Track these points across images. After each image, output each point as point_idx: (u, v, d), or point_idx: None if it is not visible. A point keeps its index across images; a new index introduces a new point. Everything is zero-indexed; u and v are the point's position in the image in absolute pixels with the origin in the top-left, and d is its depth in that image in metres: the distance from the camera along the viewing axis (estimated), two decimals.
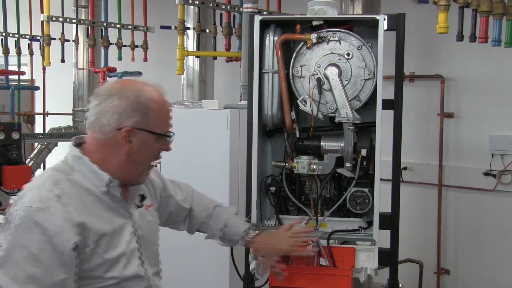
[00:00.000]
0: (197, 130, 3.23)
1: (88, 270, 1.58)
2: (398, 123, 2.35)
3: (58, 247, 1.50)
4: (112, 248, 1.63)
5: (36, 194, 1.55)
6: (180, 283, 3.33)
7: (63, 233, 1.51)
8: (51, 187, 1.58)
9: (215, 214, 2.19)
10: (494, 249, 4.08)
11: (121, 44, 5.34)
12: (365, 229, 2.36)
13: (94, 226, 1.58)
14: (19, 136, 4.53)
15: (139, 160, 1.69)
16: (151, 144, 1.69)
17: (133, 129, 1.64)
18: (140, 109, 1.64)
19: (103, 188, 1.65)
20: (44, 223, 1.50)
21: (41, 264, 1.48)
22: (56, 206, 1.53)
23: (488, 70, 4.05)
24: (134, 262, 1.70)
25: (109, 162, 1.67)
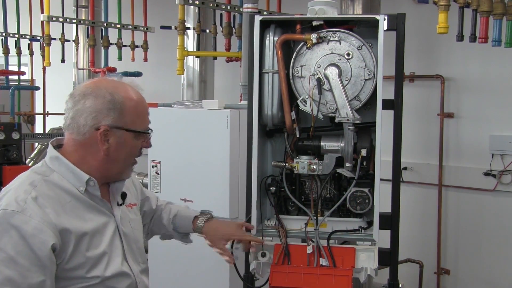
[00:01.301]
0: (197, 130, 3.23)
1: (69, 270, 1.58)
2: (398, 123, 2.35)
3: (35, 249, 1.49)
4: (94, 247, 1.63)
5: (13, 197, 1.55)
6: (180, 283, 3.33)
7: (39, 235, 1.50)
8: (27, 189, 1.57)
9: (166, 208, 2.23)
10: (494, 249, 4.08)
11: (121, 44, 5.35)
12: (365, 229, 2.36)
13: (73, 226, 1.58)
14: (19, 136, 4.53)
15: (117, 158, 1.69)
16: (129, 141, 1.68)
17: (110, 128, 1.63)
18: (116, 107, 1.64)
19: (82, 188, 1.65)
20: (20, 225, 1.49)
21: (18, 266, 1.48)
22: (32, 208, 1.53)
23: (488, 70, 4.05)
24: (117, 259, 1.70)
25: (87, 162, 1.66)
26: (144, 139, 1.74)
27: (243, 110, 2.88)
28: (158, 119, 3.47)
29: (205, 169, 3.20)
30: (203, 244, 3.19)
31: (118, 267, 1.69)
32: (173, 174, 3.37)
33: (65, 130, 1.70)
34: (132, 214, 1.87)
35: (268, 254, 2.33)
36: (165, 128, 3.41)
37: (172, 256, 3.35)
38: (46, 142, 5.71)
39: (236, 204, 3.08)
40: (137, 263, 1.81)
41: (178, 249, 3.30)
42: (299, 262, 2.25)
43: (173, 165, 3.36)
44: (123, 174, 1.76)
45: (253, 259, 2.33)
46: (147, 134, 1.74)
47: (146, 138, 1.74)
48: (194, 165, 3.24)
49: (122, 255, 1.73)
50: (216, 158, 3.13)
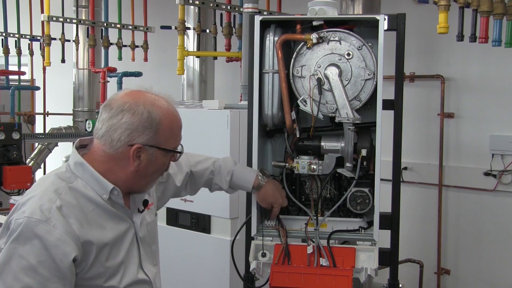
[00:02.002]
0: (197, 130, 3.23)
1: (88, 279, 1.58)
2: (398, 123, 2.35)
3: (56, 260, 1.49)
4: (113, 257, 1.63)
5: (38, 204, 1.53)
6: (180, 283, 3.33)
7: (62, 246, 1.50)
8: (52, 197, 1.56)
9: (216, 169, 2.26)
10: (494, 249, 4.08)
11: (121, 44, 5.35)
12: (365, 229, 2.36)
13: (95, 238, 1.58)
14: (19, 136, 4.53)
15: (146, 174, 1.69)
16: (159, 159, 1.68)
17: (144, 146, 1.63)
18: (152, 126, 1.63)
19: (106, 196, 1.64)
20: (44, 235, 1.49)
21: (38, 275, 1.48)
22: (56, 218, 1.52)
23: (488, 70, 4.05)
24: (133, 268, 1.70)
25: (115, 173, 1.65)
26: (173, 155, 1.74)
27: (243, 110, 2.88)
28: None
29: None
30: (204, 244, 3.20)
31: (133, 275, 1.69)
32: None
33: (96, 139, 1.67)
34: (148, 217, 1.85)
35: (268, 254, 2.33)
36: None
37: (172, 256, 3.35)
38: (46, 142, 5.75)
39: (236, 204, 3.08)
40: (153, 265, 1.81)
41: (178, 249, 3.31)
42: (299, 262, 2.25)
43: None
44: (148, 187, 1.77)
45: (253, 259, 2.33)
46: (179, 153, 1.74)
47: (176, 155, 1.75)
48: None
49: (138, 263, 1.73)
50: None
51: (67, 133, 5.59)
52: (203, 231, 3.21)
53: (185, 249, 3.29)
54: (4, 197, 4.79)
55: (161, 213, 3.37)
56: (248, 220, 2.40)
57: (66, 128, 5.68)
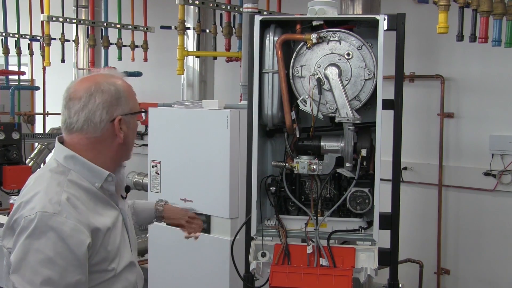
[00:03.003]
0: (197, 130, 3.23)
1: (94, 264, 1.62)
2: (398, 123, 2.35)
3: (73, 249, 1.54)
4: (113, 241, 1.68)
5: (46, 199, 1.57)
6: (180, 283, 3.33)
7: (77, 235, 1.55)
8: (58, 190, 1.60)
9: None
10: (494, 249, 4.08)
11: (121, 44, 5.34)
12: (365, 229, 2.36)
13: (100, 223, 1.64)
14: (19, 136, 4.53)
15: (130, 141, 1.78)
16: (133, 123, 1.78)
17: (122, 118, 1.71)
18: (121, 97, 1.72)
19: (98, 184, 1.69)
20: (58, 227, 1.53)
21: (57, 266, 1.51)
22: (67, 209, 1.56)
23: (488, 70, 4.05)
24: (127, 250, 1.76)
25: (103, 156, 1.71)
26: (140, 115, 1.82)
27: (243, 110, 2.88)
28: (158, 119, 3.47)
29: (205, 169, 3.20)
30: (204, 244, 3.20)
31: (127, 258, 1.75)
32: (173, 174, 3.37)
33: (73, 132, 1.71)
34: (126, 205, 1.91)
35: (268, 254, 2.33)
36: (165, 128, 3.41)
37: (172, 256, 3.35)
38: (46, 142, 5.75)
39: (236, 204, 3.08)
40: (135, 250, 1.87)
41: (179, 249, 3.31)
42: (299, 262, 2.25)
43: (173, 165, 3.36)
44: (129, 155, 1.84)
45: (253, 259, 2.33)
46: (145, 111, 1.83)
47: (142, 115, 1.83)
48: (194, 165, 3.24)
49: (129, 247, 1.79)
50: (216, 158, 3.13)
51: None
52: (203, 231, 3.21)
53: (185, 249, 3.29)
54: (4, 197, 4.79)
55: None
56: (248, 220, 2.41)
57: None
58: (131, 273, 1.76)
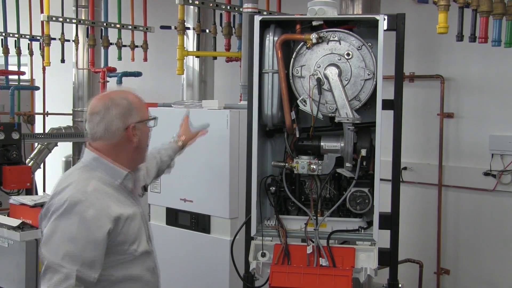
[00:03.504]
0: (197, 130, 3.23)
1: (116, 245, 1.95)
2: (398, 123, 2.36)
3: (92, 232, 1.87)
4: (132, 228, 2.01)
5: (75, 189, 1.92)
6: (180, 283, 3.33)
7: (97, 221, 1.88)
8: (85, 183, 1.95)
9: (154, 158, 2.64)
10: (494, 249, 4.08)
11: (121, 44, 5.34)
12: (365, 229, 2.37)
13: (122, 212, 1.96)
14: (19, 136, 4.53)
15: (143, 145, 2.11)
16: (146, 130, 2.10)
17: (134, 126, 2.03)
18: (132, 107, 2.04)
19: (118, 182, 2.03)
20: (82, 212, 1.87)
21: (78, 244, 1.85)
22: (92, 198, 1.91)
23: (488, 70, 4.05)
24: (144, 239, 2.09)
25: (122, 158, 2.04)
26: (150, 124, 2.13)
27: (243, 110, 2.88)
28: (158, 119, 3.47)
29: (205, 169, 3.20)
30: (203, 244, 3.20)
31: (144, 246, 2.08)
32: (173, 174, 3.36)
33: (96, 140, 2.04)
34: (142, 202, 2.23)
35: (268, 254, 2.33)
36: (165, 128, 3.38)
37: (172, 256, 3.35)
38: (46, 142, 5.74)
39: (236, 204, 3.08)
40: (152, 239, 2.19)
41: (178, 249, 3.30)
42: (299, 262, 2.25)
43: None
44: (144, 158, 2.17)
45: (253, 259, 2.33)
46: (155, 118, 2.14)
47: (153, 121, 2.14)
48: (194, 165, 3.24)
49: (146, 237, 2.12)
50: (216, 158, 3.13)
51: (66, 133, 5.59)
52: (202, 231, 3.21)
53: (185, 249, 3.29)
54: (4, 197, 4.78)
55: (161, 213, 3.37)
56: (247, 220, 2.41)
57: (66, 128, 5.68)
58: (149, 260, 2.10)
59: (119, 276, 1.99)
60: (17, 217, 3.27)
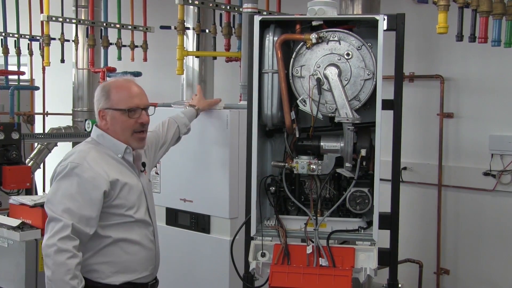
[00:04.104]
0: (197, 130, 3.23)
1: (114, 206, 2.21)
2: (398, 123, 2.36)
3: (90, 191, 2.15)
4: (131, 195, 2.25)
5: (76, 156, 2.22)
6: (180, 283, 3.33)
7: (94, 182, 2.15)
8: (86, 151, 2.24)
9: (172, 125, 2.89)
10: (493, 249, 4.08)
11: (120, 44, 5.34)
12: (365, 229, 2.37)
13: (119, 177, 2.22)
14: (18, 136, 4.52)
15: (116, 131, 2.28)
16: (118, 117, 2.26)
17: (102, 110, 2.28)
18: (104, 95, 2.27)
19: (120, 155, 2.28)
20: (81, 174, 2.16)
21: (76, 201, 2.12)
22: (90, 163, 2.18)
23: (487, 70, 4.05)
24: (142, 209, 2.32)
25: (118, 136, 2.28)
26: (137, 115, 2.27)
27: (243, 110, 2.88)
28: (158, 119, 3.47)
29: (205, 169, 3.20)
30: (203, 244, 3.20)
31: (142, 215, 2.31)
32: (172, 174, 3.37)
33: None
34: (148, 178, 2.47)
35: (267, 254, 2.33)
36: None
37: (172, 256, 3.35)
38: (46, 142, 5.74)
39: (236, 204, 3.08)
40: (154, 216, 2.43)
41: (178, 249, 3.30)
42: (298, 262, 2.25)
43: (173, 165, 3.36)
44: (131, 143, 2.30)
45: (253, 259, 2.33)
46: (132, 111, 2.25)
47: (140, 114, 2.28)
48: (194, 165, 3.24)
49: (146, 208, 2.35)
50: (216, 158, 3.13)
51: (66, 133, 5.58)
52: (202, 231, 3.21)
53: (185, 249, 3.29)
54: (4, 197, 4.78)
55: (161, 213, 3.37)
56: (247, 220, 2.41)
57: (66, 128, 5.67)
58: (147, 231, 2.33)
59: (120, 236, 2.23)
60: (17, 217, 3.27)
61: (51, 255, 2.06)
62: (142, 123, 2.30)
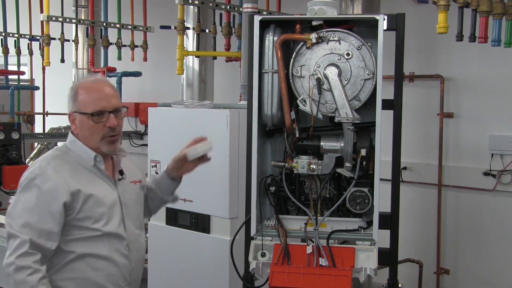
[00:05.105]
0: (197, 130, 3.22)
1: (79, 219, 2.06)
2: (398, 123, 2.36)
3: (49, 203, 2.01)
4: (98, 207, 2.09)
5: (38, 165, 2.08)
6: (180, 283, 3.33)
7: (53, 193, 2.01)
8: (49, 159, 2.10)
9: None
10: (493, 249, 4.08)
11: (120, 44, 5.34)
12: (365, 229, 2.37)
13: (83, 188, 2.06)
14: (18, 136, 4.53)
15: (84, 135, 2.13)
16: (85, 122, 2.11)
17: (71, 113, 2.14)
18: (71, 97, 2.13)
19: (92, 163, 2.13)
20: (40, 185, 2.02)
21: (35, 214, 2.00)
22: (50, 173, 2.04)
23: (487, 70, 4.05)
24: (114, 222, 2.13)
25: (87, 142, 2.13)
26: (106, 118, 2.10)
27: (243, 110, 2.88)
28: (158, 119, 3.47)
29: (205, 169, 3.19)
30: (203, 244, 3.20)
31: (114, 228, 2.13)
32: None
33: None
34: (135, 189, 2.30)
35: (267, 254, 2.33)
36: (165, 128, 3.40)
37: (172, 256, 3.35)
38: (46, 142, 5.74)
39: (236, 204, 3.08)
40: (135, 227, 2.23)
41: (178, 249, 3.30)
42: (298, 262, 2.25)
43: None
44: (102, 148, 2.13)
45: (253, 259, 2.33)
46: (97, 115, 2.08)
47: (109, 118, 2.10)
48: None
49: (120, 220, 2.16)
50: (216, 158, 3.12)
51: (66, 133, 5.51)
52: (202, 231, 3.21)
53: (185, 249, 3.29)
54: (4, 197, 4.78)
55: (161, 213, 3.36)
56: (247, 220, 2.41)
57: (66, 128, 5.67)
58: (119, 243, 2.13)
59: (86, 251, 2.08)
60: None
61: (12, 274, 1.96)
62: (110, 127, 2.11)
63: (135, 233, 2.22)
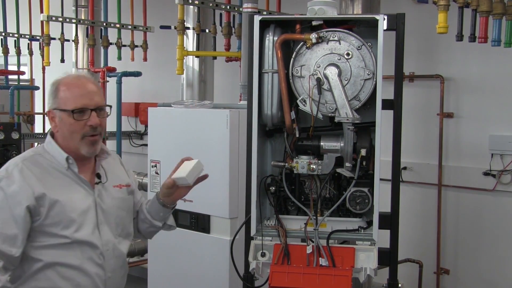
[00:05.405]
0: (197, 130, 3.23)
1: (47, 225, 1.94)
2: (398, 123, 2.36)
3: (12, 207, 1.90)
4: (68, 213, 1.97)
5: (5, 167, 1.99)
6: (180, 283, 3.33)
7: (17, 196, 1.91)
8: (17, 161, 1.99)
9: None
10: (493, 249, 4.08)
11: (120, 44, 5.34)
12: (365, 229, 2.37)
13: (49, 192, 1.94)
14: (18, 136, 4.53)
15: (64, 134, 2.01)
16: (65, 119, 1.99)
17: (51, 110, 2.03)
18: (52, 94, 2.02)
19: (66, 166, 2.01)
20: (4, 187, 1.93)
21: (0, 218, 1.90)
22: (16, 175, 1.93)
23: (487, 70, 4.05)
24: (87, 228, 2.01)
25: (64, 143, 2.03)
26: (89, 117, 1.99)
27: (243, 110, 2.88)
28: (158, 119, 3.48)
29: (205, 169, 3.19)
30: (203, 244, 3.20)
31: (86, 235, 2.00)
32: None
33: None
34: (119, 193, 2.15)
35: (267, 254, 2.33)
36: (165, 128, 3.41)
37: (172, 256, 3.35)
38: None
39: (236, 204, 3.08)
40: (114, 235, 2.10)
41: (178, 249, 3.31)
42: (298, 262, 2.25)
43: (173, 165, 3.35)
44: (81, 149, 2.02)
45: (253, 259, 2.33)
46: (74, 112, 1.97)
47: (91, 116, 1.99)
48: None
49: (94, 226, 2.03)
50: (216, 158, 3.13)
51: None
52: (202, 231, 3.21)
53: (185, 249, 3.29)
54: None
55: None
56: (247, 220, 2.41)
57: None
58: (92, 252, 2.01)
59: (54, 260, 1.96)
60: None
61: None
62: (92, 126, 1.99)
63: (112, 241, 2.08)
